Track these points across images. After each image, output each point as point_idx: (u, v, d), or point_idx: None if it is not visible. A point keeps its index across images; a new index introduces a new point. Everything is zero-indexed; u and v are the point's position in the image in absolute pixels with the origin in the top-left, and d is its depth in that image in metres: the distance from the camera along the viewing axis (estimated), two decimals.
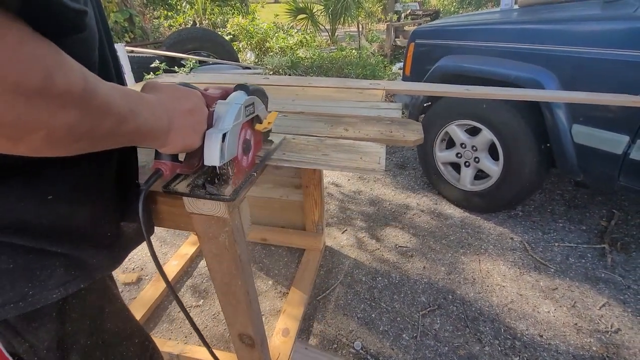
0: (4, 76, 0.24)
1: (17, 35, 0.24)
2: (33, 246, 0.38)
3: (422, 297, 1.45)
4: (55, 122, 0.28)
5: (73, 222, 0.42)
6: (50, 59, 0.27)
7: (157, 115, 0.41)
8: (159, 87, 0.46)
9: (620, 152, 1.28)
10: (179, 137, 0.46)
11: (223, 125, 0.52)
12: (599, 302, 1.39)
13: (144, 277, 1.60)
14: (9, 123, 0.25)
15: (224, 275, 0.73)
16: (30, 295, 0.38)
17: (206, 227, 0.66)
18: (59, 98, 0.27)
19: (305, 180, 1.48)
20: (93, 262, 0.46)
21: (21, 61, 0.24)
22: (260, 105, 0.63)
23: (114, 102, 0.33)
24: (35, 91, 0.25)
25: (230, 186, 0.58)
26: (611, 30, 1.27)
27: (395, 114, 0.93)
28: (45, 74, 0.26)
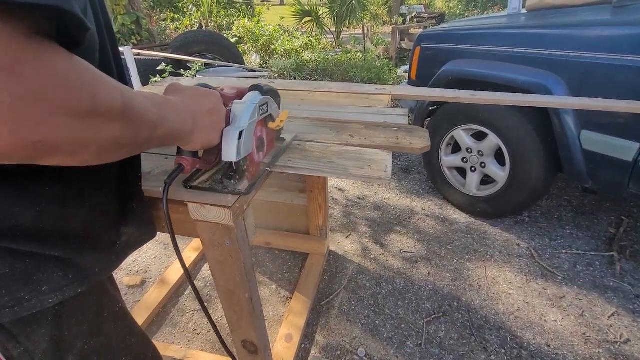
0: (61, 101, 0.26)
1: (65, 62, 0.27)
2: (30, 251, 0.38)
3: (427, 304, 1.43)
4: (103, 137, 0.31)
5: (71, 226, 0.42)
6: (93, 81, 0.29)
7: (182, 117, 0.44)
8: (181, 89, 0.49)
9: (630, 159, 1.26)
10: (201, 136, 0.49)
11: (240, 124, 0.55)
12: (607, 311, 1.37)
13: (148, 280, 1.60)
14: (66, 142, 0.28)
15: (228, 282, 0.73)
16: (26, 300, 0.38)
17: (211, 235, 0.65)
18: (104, 115, 0.30)
19: (310, 185, 1.47)
20: (91, 266, 0.45)
21: (72, 86, 0.27)
22: (273, 104, 0.66)
23: (147, 111, 0.36)
24: (85, 112, 0.28)
25: (245, 181, 0.61)
26: (622, 36, 1.25)
27: (401, 120, 0.93)
28: (92, 96, 0.29)
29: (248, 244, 0.71)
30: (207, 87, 0.54)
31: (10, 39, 0.24)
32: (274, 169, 0.71)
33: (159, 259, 1.73)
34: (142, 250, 1.78)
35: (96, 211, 0.46)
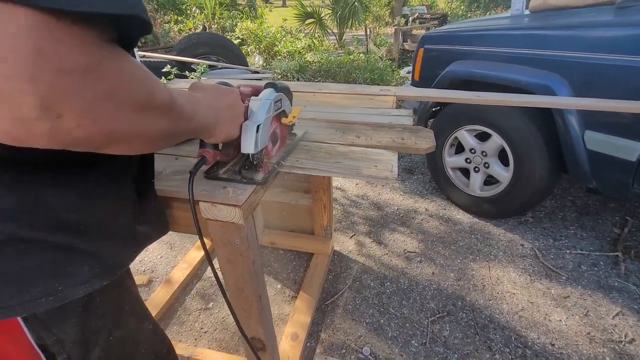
0: (127, 96, 0.31)
1: (129, 63, 0.31)
2: (63, 242, 0.41)
3: (431, 304, 1.44)
4: (154, 128, 0.36)
5: (98, 218, 0.45)
6: (148, 80, 0.34)
7: (207, 112, 0.49)
8: (204, 87, 0.54)
9: (634, 160, 1.27)
10: (223, 129, 0.54)
11: (257, 118, 0.59)
12: (612, 311, 1.37)
13: (155, 279, 1.62)
14: (128, 132, 0.33)
15: (237, 280, 0.74)
16: (59, 290, 0.40)
17: (221, 233, 0.67)
18: (157, 109, 0.35)
19: (315, 185, 1.49)
20: (114, 258, 0.48)
21: (135, 84, 0.32)
22: (286, 101, 0.70)
23: (184, 106, 0.41)
24: (144, 106, 0.33)
25: (261, 172, 0.65)
26: (625, 36, 1.26)
27: (406, 120, 0.94)
28: (149, 92, 0.33)
29: (257, 242, 0.72)
30: (226, 84, 0.59)
31: (94, 44, 0.27)
32: (283, 169, 0.72)
33: (165, 258, 1.75)
34: (148, 250, 1.80)
35: (119, 204, 0.48)
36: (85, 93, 0.27)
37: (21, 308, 0.38)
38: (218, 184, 0.65)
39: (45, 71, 0.25)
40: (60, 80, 0.25)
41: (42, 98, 0.25)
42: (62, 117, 0.27)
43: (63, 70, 0.25)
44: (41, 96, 0.25)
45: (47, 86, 0.25)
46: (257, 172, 0.65)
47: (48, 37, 0.24)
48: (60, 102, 0.26)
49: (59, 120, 0.26)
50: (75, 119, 0.27)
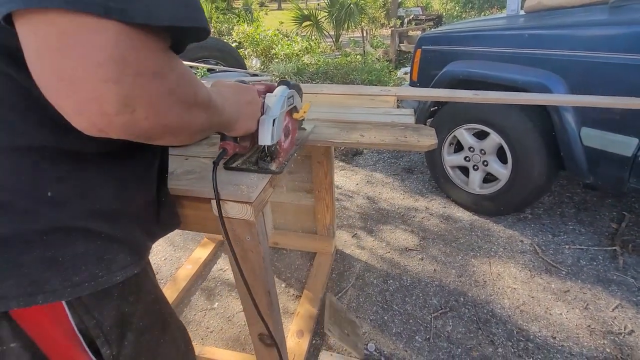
0: (181, 95, 0.36)
1: (182, 66, 0.36)
2: (104, 231, 0.44)
3: (434, 300, 1.46)
4: (197, 122, 0.41)
5: (133, 208, 0.49)
6: (194, 80, 0.38)
7: (232, 107, 0.54)
8: (225, 85, 0.59)
9: (630, 155, 1.30)
10: (243, 123, 0.59)
11: (272, 113, 0.64)
12: (611, 304, 1.39)
13: (160, 281, 1.63)
14: (178, 126, 0.38)
15: (247, 276, 0.76)
16: (100, 276, 0.44)
17: (231, 230, 0.69)
18: (200, 106, 0.40)
19: (317, 185, 1.51)
20: (141, 247, 0.52)
21: (186, 84, 0.37)
22: (297, 97, 0.76)
23: (218, 102, 0.46)
24: (192, 103, 0.38)
25: (276, 163, 0.70)
26: (618, 35, 1.29)
27: (408, 119, 0.96)
28: (195, 91, 0.39)
29: (267, 238, 0.74)
30: (244, 82, 0.65)
31: (161, 51, 0.33)
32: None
33: (169, 260, 1.76)
34: (152, 251, 1.81)
35: (147, 196, 0.53)
36: (153, 92, 0.32)
37: (68, 292, 0.41)
38: (229, 182, 0.67)
39: (128, 75, 0.29)
40: (137, 82, 0.30)
41: (124, 97, 0.30)
42: (135, 111, 0.31)
43: (140, 73, 0.30)
44: (123, 95, 0.30)
45: (128, 87, 0.30)
46: (272, 162, 0.70)
47: (131, 46, 0.29)
48: (135, 99, 0.31)
49: (132, 114, 0.31)
50: (144, 113, 0.32)
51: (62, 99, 0.30)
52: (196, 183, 0.68)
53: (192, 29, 0.35)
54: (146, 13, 0.29)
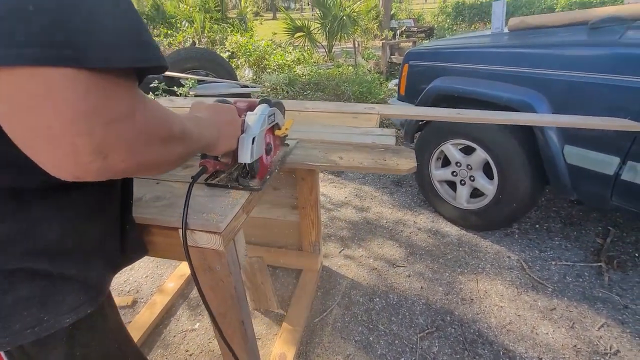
0: (154, 132, 0.36)
1: (152, 103, 0.36)
2: (51, 270, 0.42)
3: (420, 319, 1.43)
4: (174, 154, 0.41)
5: (87, 243, 0.47)
6: (166, 115, 0.39)
7: (211, 131, 0.55)
8: (205, 107, 0.60)
9: (611, 173, 1.30)
10: (224, 143, 0.60)
11: (252, 131, 0.65)
12: (597, 322, 1.38)
13: (140, 300, 1.58)
14: (155, 161, 0.38)
15: (219, 306, 0.73)
16: (45, 320, 0.41)
17: (202, 259, 0.66)
18: (175, 139, 0.41)
19: (302, 202, 1.49)
20: (98, 284, 0.49)
21: (159, 121, 0.37)
22: (280, 114, 0.78)
23: (194, 131, 0.46)
24: (166, 138, 0.39)
25: (257, 179, 0.71)
26: (596, 55, 1.31)
27: (389, 140, 0.95)
28: (169, 125, 0.39)
29: (239, 267, 0.72)
30: (225, 101, 0.66)
31: (130, 92, 0.33)
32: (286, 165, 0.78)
33: (151, 277, 1.71)
34: (133, 268, 1.77)
35: (105, 228, 0.51)
36: (125, 135, 0.33)
37: (6, 342, 0.38)
38: (200, 209, 0.64)
39: (99, 125, 0.30)
40: (109, 129, 0.31)
41: (96, 146, 0.30)
42: (108, 157, 0.32)
43: (111, 120, 0.31)
44: (95, 144, 0.30)
45: (100, 136, 0.30)
46: (253, 179, 0.71)
47: (100, 96, 0.30)
48: (107, 146, 0.31)
49: (106, 159, 0.32)
50: (119, 157, 0.33)
51: (40, 156, 0.30)
52: (165, 210, 0.65)
53: (150, 67, 0.35)
54: (104, 58, 0.29)
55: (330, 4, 7.07)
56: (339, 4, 7.20)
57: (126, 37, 0.31)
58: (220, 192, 0.70)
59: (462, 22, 14.19)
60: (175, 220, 0.62)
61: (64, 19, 0.27)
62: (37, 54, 0.26)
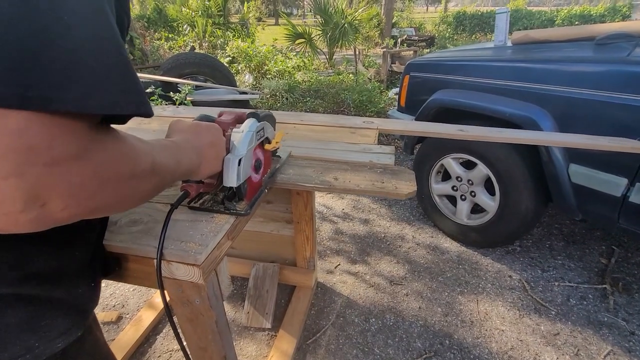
0: (112, 173, 0.32)
1: (114, 142, 0.32)
2: (38, 294, 0.40)
3: (418, 342, 1.37)
4: (141, 190, 0.38)
5: (73, 265, 0.45)
6: (131, 152, 0.35)
7: (191, 156, 0.50)
8: (184, 128, 0.55)
9: (619, 195, 1.25)
10: (206, 167, 0.55)
11: (238, 152, 0.59)
12: (603, 349, 1.32)
13: (125, 316, 1.51)
14: (115, 202, 0.35)
15: (199, 340, 0.67)
16: (36, 347, 0.39)
17: (179, 292, 0.60)
18: (141, 176, 0.37)
19: (297, 216, 1.43)
20: (85, 305, 0.47)
21: (119, 160, 0.33)
22: (269, 128, 0.71)
23: (168, 162, 0.43)
24: (128, 177, 0.35)
25: (244, 202, 0.65)
26: (602, 73, 1.27)
27: (387, 159, 0.90)
28: (133, 164, 0.35)
29: (222, 299, 0.66)
30: (207, 118, 0.61)
31: (84, 132, 0.28)
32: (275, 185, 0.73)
33: (138, 291, 1.65)
34: (120, 283, 1.70)
35: (89, 249, 0.48)
36: (72, 179, 0.28)
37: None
38: (178, 236, 0.59)
39: (35, 165, 0.25)
40: (48, 171, 0.26)
41: (27, 191, 0.25)
42: (46, 204, 0.27)
43: (54, 161, 0.26)
44: (27, 189, 0.25)
45: (33, 179, 0.25)
46: (240, 201, 0.65)
47: (42, 134, 0.25)
48: (45, 191, 0.26)
49: (42, 208, 0.27)
50: (60, 204, 0.28)
51: None
52: (140, 238, 0.59)
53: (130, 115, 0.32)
54: (77, 102, 0.26)
55: (332, 12, 7.09)
56: (341, 11, 7.21)
57: (105, 79, 0.28)
58: (203, 216, 0.65)
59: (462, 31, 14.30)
60: (151, 250, 0.56)
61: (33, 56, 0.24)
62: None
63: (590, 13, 12.90)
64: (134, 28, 5.52)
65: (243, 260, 1.63)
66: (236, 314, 1.51)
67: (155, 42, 7.00)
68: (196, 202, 0.66)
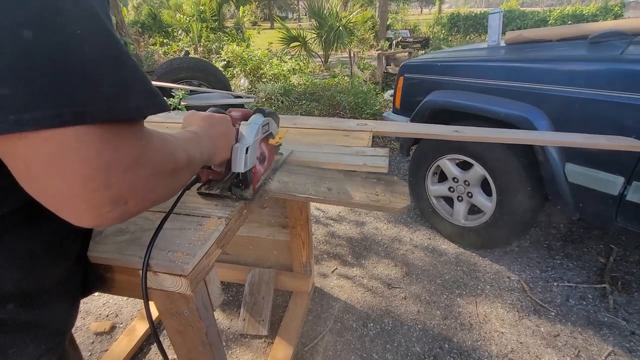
0: (162, 169, 0.37)
1: (156, 138, 0.37)
2: (7, 319, 0.38)
3: (417, 347, 1.35)
4: (181, 182, 0.43)
5: (50, 280, 0.43)
6: (171, 148, 0.40)
7: (208, 145, 0.55)
8: (199, 118, 0.59)
9: (616, 194, 1.24)
10: (219, 155, 0.60)
11: (246, 141, 0.65)
12: (604, 350, 1.31)
13: (119, 325, 1.48)
14: (166, 195, 0.40)
15: (189, 352, 0.65)
16: None
17: (167, 303, 0.58)
18: (181, 169, 0.42)
19: (292, 221, 1.41)
20: (60, 327, 0.46)
21: (166, 156, 0.38)
22: (274, 124, 0.77)
23: (195, 153, 0.48)
24: (173, 171, 0.40)
25: (250, 189, 0.70)
26: (596, 71, 1.27)
27: (382, 162, 0.88)
28: (174, 157, 0.40)
29: (212, 309, 0.64)
30: (219, 111, 0.65)
31: (139, 136, 0.33)
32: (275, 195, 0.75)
33: (131, 300, 1.61)
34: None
35: (66, 262, 0.47)
36: (139, 179, 0.33)
37: None
38: (165, 245, 0.57)
39: (114, 176, 0.30)
40: (125, 177, 0.31)
41: (114, 197, 0.31)
42: (127, 202, 0.33)
43: (125, 170, 0.31)
44: (113, 196, 0.31)
45: (117, 187, 0.31)
46: (247, 189, 0.69)
47: (112, 148, 0.30)
48: (125, 194, 0.32)
49: (126, 205, 0.33)
50: (135, 201, 0.34)
51: (62, 211, 0.31)
52: (125, 248, 0.57)
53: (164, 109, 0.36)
54: (108, 111, 0.29)
55: (327, 14, 7.11)
56: (335, 14, 7.24)
57: (127, 86, 0.31)
58: (191, 224, 0.63)
59: (457, 33, 14.40)
60: (136, 261, 0.54)
61: (62, 77, 0.26)
62: (38, 116, 0.26)
63: (582, 13, 13.03)
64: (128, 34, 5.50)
65: (238, 266, 1.61)
66: (232, 321, 1.48)
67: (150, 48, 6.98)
68: (205, 189, 0.70)
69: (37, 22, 0.26)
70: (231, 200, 0.69)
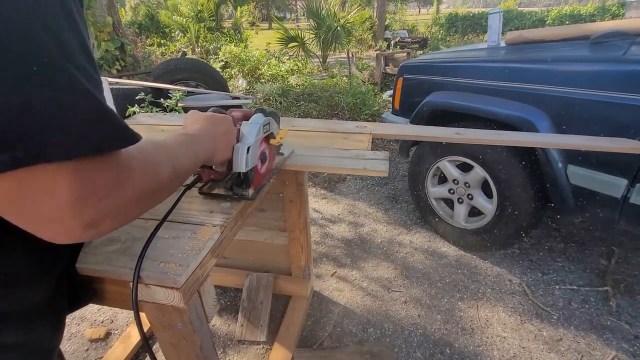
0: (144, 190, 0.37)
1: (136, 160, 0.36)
2: None
3: (418, 352, 1.33)
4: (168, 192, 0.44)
5: (30, 301, 0.42)
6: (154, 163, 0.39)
7: (207, 145, 0.56)
8: (201, 118, 0.59)
9: (619, 196, 1.23)
10: (219, 154, 0.61)
11: (247, 140, 0.66)
12: (607, 354, 1.29)
13: (114, 332, 1.45)
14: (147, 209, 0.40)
15: None
16: None
17: (159, 316, 0.56)
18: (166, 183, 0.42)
19: (290, 225, 1.38)
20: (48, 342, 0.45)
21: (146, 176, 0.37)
22: (275, 124, 0.77)
23: (185, 161, 0.47)
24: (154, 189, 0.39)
25: (251, 189, 0.70)
26: (598, 72, 1.25)
27: (381, 165, 0.86)
28: (157, 176, 0.39)
29: (206, 321, 0.61)
30: (220, 111, 0.65)
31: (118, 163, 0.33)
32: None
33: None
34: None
35: (52, 280, 0.45)
36: (116, 206, 0.33)
37: None
38: (157, 256, 0.54)
39: (90, 207, 0.31)
40: (100, 206, 0.32)
41: (88, 223, 0.31)
42: (100, 226, 0.33)
43: (100, 198, 0.31)
44: (87, 222, 0.31)
45: (91, 215, 0.31)
46: (248, 188, 0.70)
47: (85, 180, 0.30)
48: (100, 219, 0.32)
49: (98, 228, 0.33)
50: (109, 223, 0.34)
51: (40, 234, 0.31)
52: (115, 259, 0.55)
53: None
54: (64, 149, 0.28)
55: (325, 15, 7.09)
56: (333, 14, 7.22)
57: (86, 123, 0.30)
58: (185, 232, 0.60)
59: (455, 33, 14.41)
60: (127, 272, 0.52)
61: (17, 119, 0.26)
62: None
63: (580, 13, 13.07)
64: (125, 34, 5.46)
65: (236, 270, 1.58)
66: (229, 327, 1.46)
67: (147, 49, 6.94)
68: (207, 189, 0.71)
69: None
70: (232, 201, 0.69)
